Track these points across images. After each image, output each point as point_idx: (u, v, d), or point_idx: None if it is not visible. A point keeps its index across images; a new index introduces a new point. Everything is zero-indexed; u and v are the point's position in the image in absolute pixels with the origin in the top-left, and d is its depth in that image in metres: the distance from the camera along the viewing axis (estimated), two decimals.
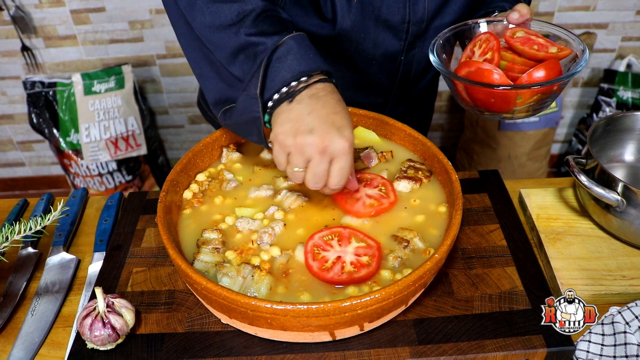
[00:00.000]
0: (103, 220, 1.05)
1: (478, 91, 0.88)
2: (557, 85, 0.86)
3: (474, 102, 0.91)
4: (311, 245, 0.80)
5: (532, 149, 2.52)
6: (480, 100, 0.89)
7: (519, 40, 0.92)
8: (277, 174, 0.96)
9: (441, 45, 0.95)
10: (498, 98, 0.87)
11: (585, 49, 0.90)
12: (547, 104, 0.90)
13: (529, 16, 0.94)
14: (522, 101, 0.87)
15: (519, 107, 0.89)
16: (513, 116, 0.91)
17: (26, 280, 0.95)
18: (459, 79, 0.88)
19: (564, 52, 0.91)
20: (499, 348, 0.76)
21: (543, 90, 0.86)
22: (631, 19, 2.41)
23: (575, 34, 0.94)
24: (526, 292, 0.84)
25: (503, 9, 1.03)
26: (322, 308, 0.67)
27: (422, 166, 0.94)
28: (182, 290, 0.86)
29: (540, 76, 0.86)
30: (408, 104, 1.22)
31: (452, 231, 0.77)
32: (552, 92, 0.88)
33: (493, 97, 0.87)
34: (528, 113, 0.91)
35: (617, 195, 0.90)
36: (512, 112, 0.90)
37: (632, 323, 0.82)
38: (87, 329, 0.76)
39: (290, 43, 0.80)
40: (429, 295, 0.84)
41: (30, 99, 2.39)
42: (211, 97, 0.89)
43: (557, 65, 0.88)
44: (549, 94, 0.88)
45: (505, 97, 0.86)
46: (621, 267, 0.91)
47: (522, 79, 0.86)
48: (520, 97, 0.87)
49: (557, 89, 0.88)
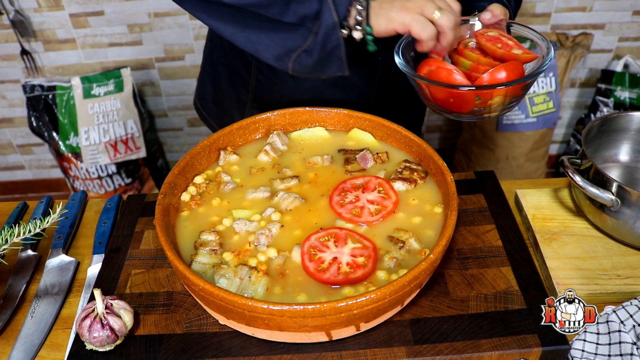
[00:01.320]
0: (102, 222, 1.05)
1: (438, 91, 0.88)
2: (519, 86, 0.86)
3: (435, 102, 0.91)
4: (308, 247, 0.81)
5: (530, 150, 2.52)
6: (440, 100, 0.90)
7: (487, 38, 0.92)
8: (274, 176, 0.96)
9: (408, 44, 0.95)
10: (457, 98, 0.87)
11: (551, 49, 0.90)
12: (513, 104, 0.90)
13: (502, 17, 0.94)
14: (482, 102, 0.87)
15: (481, 108, 0.88)
16: (480, 116, 0.91)
17: (26, 282, 0.95)
18: (419, 79, 0.88)
19: (527, 55, 0.90)
20: (494, 347, 0.77)
21: (504, 92, 0.86)
22: (628, 20, 2.41)
23: (543, 36, 0.94)
24: (521, 292, 0.85)
25: (483, 8, 1.03)
26: (318, 308, 0.67)
27: (418, 167, 0.95)
28: (180, 292, 0.87)
29: (501, 77, 0.86)
30: (391, 104, 1.22)
31: (447, 232, 0.77)
32: (515, 94, 0.88)
33: (452, 97, 0.87)
34: (497, 112, 0.91)
35: (612, 195, 0.90)
36: (474, 113, 0.90)
37: (626, 322, 0.83)
38: (86, 331, 0.77)
39: None
40: (424, 296, 0.84)
41: (30, 102, 2.40)
42: (270, 55, 0.93)
43: (519, 67, 0.88)
44: (512, 95, 0.88)
45: (464, 98, 0.87)
46: (616, 266, 0.92)
47: (482, 80, 0.86)
48: (479, 98, 0.87)
49: (520, 90, 0.88)
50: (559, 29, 2.46)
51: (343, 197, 0.90)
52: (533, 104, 2.44)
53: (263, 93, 1.23)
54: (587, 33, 2.42)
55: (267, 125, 1.05)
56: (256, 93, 1.23)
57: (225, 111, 1.34)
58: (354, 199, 0.89)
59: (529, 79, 0.86)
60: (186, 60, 2.49)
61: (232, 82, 1.27)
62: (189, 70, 2.51)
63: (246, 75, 1.22)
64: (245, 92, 1.24)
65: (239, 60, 1.23)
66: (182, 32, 2.39)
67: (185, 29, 2.39)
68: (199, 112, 1.44)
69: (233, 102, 1.30)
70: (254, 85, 1.22)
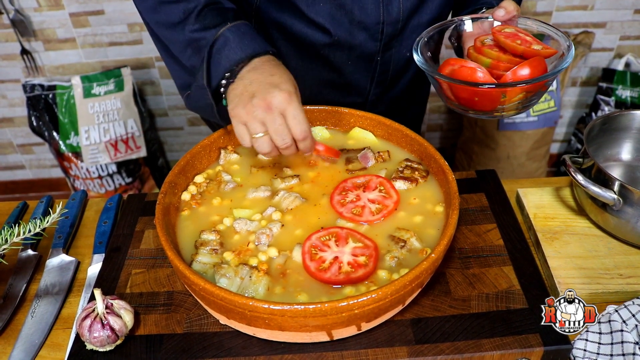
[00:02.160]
0: (102, 222, 1.05)
1: (462, 90, 0.87)
2: (543, 82, 0.85)
3: (458, 100, 0.90)
4: (309, 246, 0.81)
5: (531, 149, 2.52)
6: (464, 99, 0.89)
7: (505, 35, 0.91)
8: (275, 175, 0.96)
9: (425, 43, 0.95)
10: (482, 97, 0.86)
11: (571, 46, 0.89)
12: (533, 101, 0.90)
13: (516, 13, 0.93)
14: (507, 99, 0.86)
15: (503, 106, 0.88)
16: (499, 114, 0.90)
17: (26, 282, 0.95)
18: (442, 78, 0.87)
19: (548, 51, 0.90)
20: (496, 347, 0.77)
21: (528, 89, 0.85)
22: (629, 18, 2.41)
23: (562, 31, 0.93)
24: (523, 291, 0.85)
25: (491, 5, 1.02)
26: (319, 308, 0.67)
27: (419, 166, 0.95)
28: (181, 292, 0.87)
29: (525, 74, 0.85)
30: (389, 104, 1.22)
31: (448, 231, 0.77)
32: (538, 90, 0.87)
33: (477, 96, 0.87)
34: (515, 111, 0.90)
35: (614, 194, 0.90)
36: (497, 111, 0.89)
37: (629, 321, 0.82)
38: (86, 330, 0.77)
39: (226, 34, 0.90)
40: (426, 295, 0.84)
41: (30, 102, 2.40)
42: (177, 83, 1.06)
43: (542, 62, 0.87)
44: (535, 92, 0.87)
45: (489, 96, 0.86)
46: (618, 265, 0.92)
47: (507, 77, 0.85)
48: (504, 95, 0.86)
49: (543, 86, 0.87)
50: (560, 28, 2.45)
51: (344, 197, 0.90)
52: None
53: None
54: (588, 31, 2.42)
55: None
56: None
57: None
58: (355, 198, 0.89)
59: (552, 75, 0.85)
60: None
61: None
62: None
63: None
64: None
65: None
66: None
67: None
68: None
69: None
70: None
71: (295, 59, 1.12)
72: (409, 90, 1.23)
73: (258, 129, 0.84)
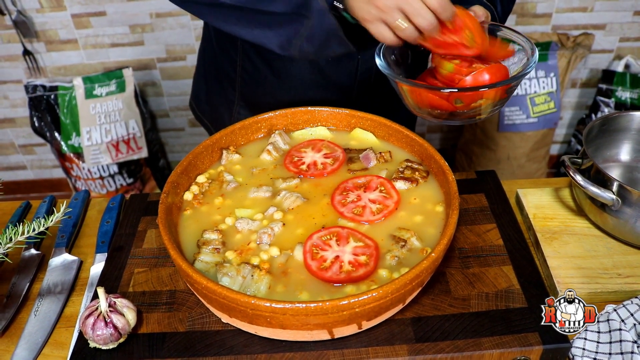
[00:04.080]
0: (105, 222, 1.06)
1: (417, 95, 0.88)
2: (504, 89, 0.85)
3: (417, 105, 0.90)
4: (310, 245, 0.81)
5: (531, 150, 2.53)
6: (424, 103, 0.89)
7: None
8: (276, 175, 0.97)
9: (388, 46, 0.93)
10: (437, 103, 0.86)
11: (535, 52, 0.89)
12: (496, 109, 0.89)
13: (484, 18, 0.93)
14: (464, 106, 0.86)
15: (461, 111, 0.87)
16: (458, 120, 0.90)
17: (29, 281, 0.96)
18: (402, 81, 0.87)
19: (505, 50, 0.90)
20: (495, 345, 0.77)
21: (488, 94, 0.84)
22: (629, 20, 2.42)
23: (527, 37, 0.92)
24: (522, 291, 0.85)
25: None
26: (320, 306, 0.68)
27: (420, 166, 0.95)
28: (183, 290, 0.88)
29: (485, 79, 0.84)
30: (380, 103, 1.22)
31: (448, 230, 0.78)
32: (500, 96, 0.86)
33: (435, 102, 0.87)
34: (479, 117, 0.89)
35: (613, 194, 0.91)
36: (455, 116, 0.88)
37: (627, 320, 0.83)
38: (89, 328, 0.77)
39: None
40: (426, 294, 0.85)
41: (32, 102, 2.41)
42: (275, 46, 0.95)
43: (503, 69, 0.87)
44: (497, 98, 0.86)
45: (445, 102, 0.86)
46: (617, 265, 0.92)
47: (466, 83, 0.85)
48: (460, 101, 0.85)
49: (504, 94, 0.86)
50: (560, 30, 2.46)
51: (345, 197, 0.90)
52: (534, 104, 2.45)
53: (248, 92, 1.24)
54: (588, 33, 2.42)
55: (269, 125, 1.05)
56: (242, 92, 1.24)
57: (216, 110, 1.35)
58: (356, 198, 0.90)
59: (513, 80, 0.85)
60: (188, 61, 2.49)
61: (220, 81, 1.28)
62: (191, 70, 2.52)
63: (232, 73, 1.23)
64: (233, 90, 1.26)
65: (226, 59, 1.24)
66: (183, 32, 2.40)
67: (187, 30, 2.39)
68: (194, 113, 1.45)
69: (223, 101, 1.31)
70: (239, 83, 1.24)
71: (277, 60, 1.13)
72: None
73: (397, 16, 0.79)
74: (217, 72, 1.28)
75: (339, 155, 0.99)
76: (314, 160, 0.98)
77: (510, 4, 1.13)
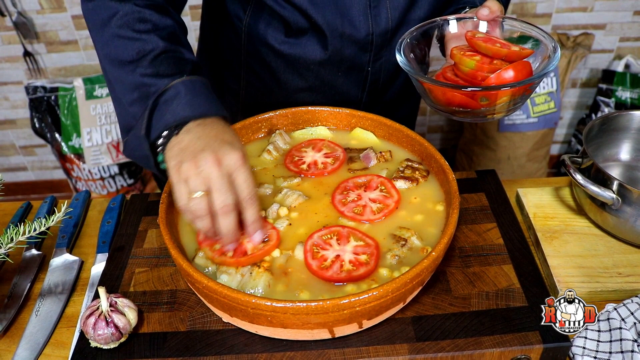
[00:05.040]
0: (105, 222, 1.06)
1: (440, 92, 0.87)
2: (528, 85, 0.84)
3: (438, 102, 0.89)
4: (310, 245, 0.82)
5: (531, 150, 2.53)
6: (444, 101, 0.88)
7: (482, 39, 0.90)
8: (277, 174, 0.97)
9: (408, 44, 0.94)
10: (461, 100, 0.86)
11: (557, 48, 0.88)
12: (517, 106, 0.89)
13: (499, 13, 0.93)
14: (489, 103, 0.85)
15: (488, 108, 0.87)
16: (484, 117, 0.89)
17: (30, 281, 0.96)
18: (425, 79, 0.87)
19: (526, 51, 0.89)
20: (495, 344, 0.77)
21: (513, 92, 0.84)
22: (629, 20, 2.42)
23: (548, 33, 0.91)
24: (523, 290, 0.85)
25: (474, 4, 1.02)
26: (321, 306, 0.68)
27: (420, 166, 0.96)
28: (184, 290, 0.88)
29: (509, 77, 0.84)
30: (381, 109, 1.23)
31: (449, 230, 0.78)
32: (522, 93, 0.86)
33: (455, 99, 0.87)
34: (503, 113, 0.89)
35: (613, 193, 0.91)
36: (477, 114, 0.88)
37: (627, 319, 0.83)
38: (90, 328, 0.77)
39: (178, 87, 0.81)
40: (426, 293, 0.85)
41: (33, 103, 2.41)
42: (120, 123, 0.91)
43: (527, 66, 0.86)
44: (519, 95, 0.86)
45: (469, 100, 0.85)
46: (617, 264, 0.92)
47: (490, 80, 0.84)
48: (485, 99, 0.85)
49: (528, 89, 0.86)
50: (560, 29, 2.46)
51: (345, 196, 0.90)
52: (534, 104, 2.45)
53: (253, 103, 1.24)
54: (588, 33, 2.43)
55: (269, 125, 1.05)
56: (246, 102, 1.24)
57: None
58: (356, 197, 0.90)
59: (537, 78, 0.84)
60: None
61: (221, 93, 1.28)
62: None
63: (236, 87, 1.23)
64: (236, 102, 1.25)
65: (228, 73, 1.23)
66: None
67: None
68: None
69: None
70: (243, 96, 1.23)
71: (286, 73, 1.13)
72: (400, 93, 1.24)
73: (200, 186, 0.74)
74: (219, 85, 1.27)
75: (340, 154, 0.99)
76: (315, 160, 0.98)
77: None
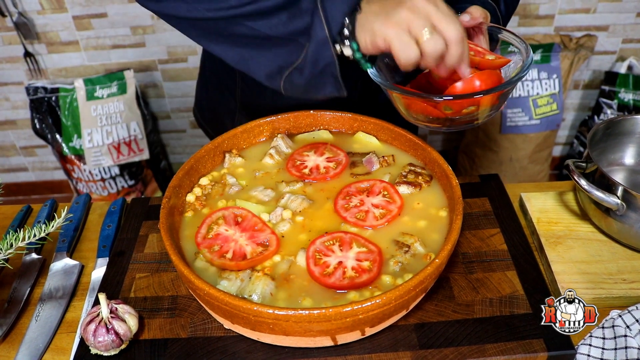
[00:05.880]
0: (106, 226, 1.05)
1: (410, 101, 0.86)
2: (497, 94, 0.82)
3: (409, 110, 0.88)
4: (313, 251, 0.81)
5: (533, 152, 2.52)
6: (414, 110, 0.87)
7: None
8: (279, 179, 0.96)
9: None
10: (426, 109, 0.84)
11: (530, 55, 0.86)
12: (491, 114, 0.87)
13: (482, 20, 0.91)
14: (454, 112, 0.83)
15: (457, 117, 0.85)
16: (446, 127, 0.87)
17: (30, 286, 0.95)
18: (390, 88, 0.84)
19: (500, 60, 0.88)
20: (499, 352, 0.77)
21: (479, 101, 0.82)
22: (632, 21, 2.41)
23: (522, 40, 0.90)
24: (527, 296, 0.85)
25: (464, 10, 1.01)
26: (323, 313, 0.67)
27: (423, 171, 0.95)
28: (185, 296, 0.87)
29: (476, 86, 0.82)
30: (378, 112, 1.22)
31: (452, 236, 0.77)
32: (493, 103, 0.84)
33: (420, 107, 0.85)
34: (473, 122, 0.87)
35: (617, 198, 0.90)
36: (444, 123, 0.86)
37: (632, 326, 0.82)
38: (90, 335, 0.77)
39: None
40: (430, 300, 0.84)
41: (33, 104, 2.40)
42: (262, 73, 0.88)
43: (495, 74, 0.85)
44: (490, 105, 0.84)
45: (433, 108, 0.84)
46: (622, 270, 0.92)
47: (456, 89, 0.82)
48: (448, 108, 0.83)
49: (497, 99, 0.84)
50: (563, 31, 2.45)
51: (348, 201, 0.90)
52: (536, 106, 2.44)
53: (249, 101, 1.23)
54: (590, 35, 2.42)
55: (271, 129, 1.05)
56: (243, 101, 1.24)
57: (219, 119, 1.35)
58: (359, 202, 0.89)
59: (504, 87, 0.82)
60: (189, 62, 2.49)
61: (220, 90, 1.27)
62: (192, 72, 2.52)
63: (232, 84, 1.22)
64: (233, 100, 1.25)
65: (224, 69, 1.23)
66: None
67: None
68: (198, 122, 1.45)
69: (224, 110, 1.31)
70: (239, 93, 1.23)
71: None
72: None
73: (424, 24, 0.72)
74: (218, 82, 1.27)
75: (342, 159, 0.98)
76: (317, 164, 0.97)
77: (514, 3, 1.11)
